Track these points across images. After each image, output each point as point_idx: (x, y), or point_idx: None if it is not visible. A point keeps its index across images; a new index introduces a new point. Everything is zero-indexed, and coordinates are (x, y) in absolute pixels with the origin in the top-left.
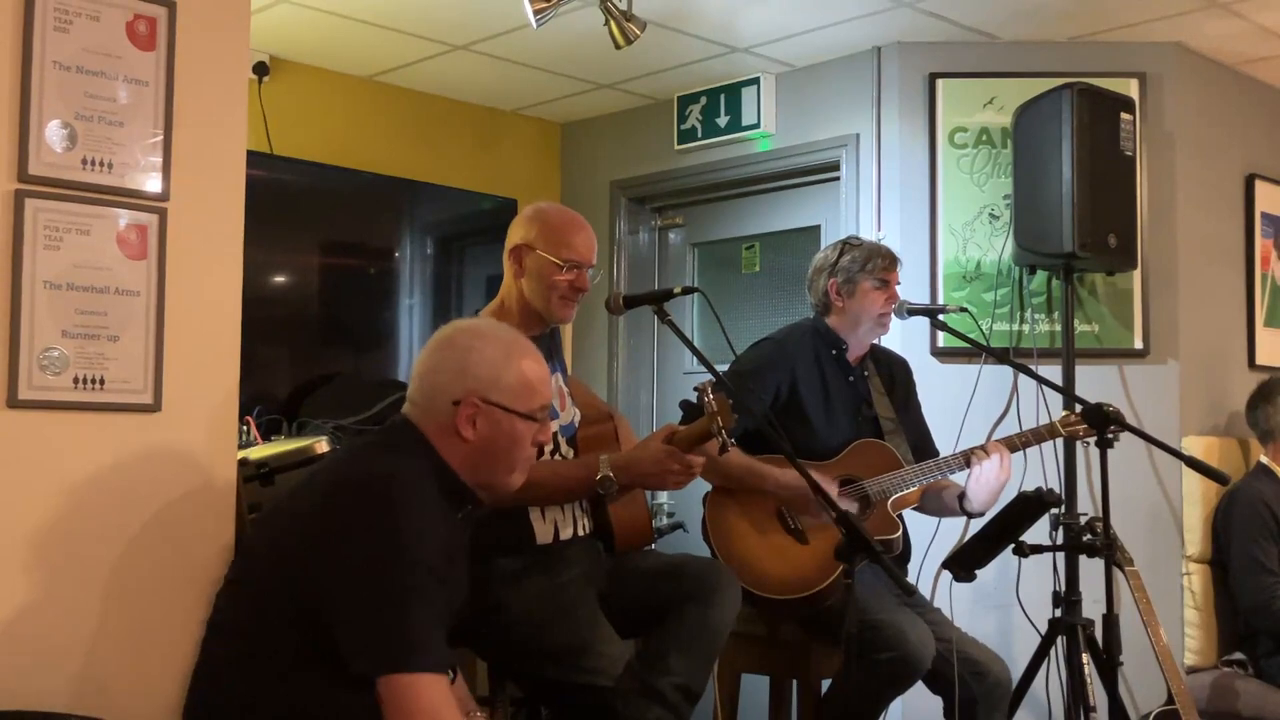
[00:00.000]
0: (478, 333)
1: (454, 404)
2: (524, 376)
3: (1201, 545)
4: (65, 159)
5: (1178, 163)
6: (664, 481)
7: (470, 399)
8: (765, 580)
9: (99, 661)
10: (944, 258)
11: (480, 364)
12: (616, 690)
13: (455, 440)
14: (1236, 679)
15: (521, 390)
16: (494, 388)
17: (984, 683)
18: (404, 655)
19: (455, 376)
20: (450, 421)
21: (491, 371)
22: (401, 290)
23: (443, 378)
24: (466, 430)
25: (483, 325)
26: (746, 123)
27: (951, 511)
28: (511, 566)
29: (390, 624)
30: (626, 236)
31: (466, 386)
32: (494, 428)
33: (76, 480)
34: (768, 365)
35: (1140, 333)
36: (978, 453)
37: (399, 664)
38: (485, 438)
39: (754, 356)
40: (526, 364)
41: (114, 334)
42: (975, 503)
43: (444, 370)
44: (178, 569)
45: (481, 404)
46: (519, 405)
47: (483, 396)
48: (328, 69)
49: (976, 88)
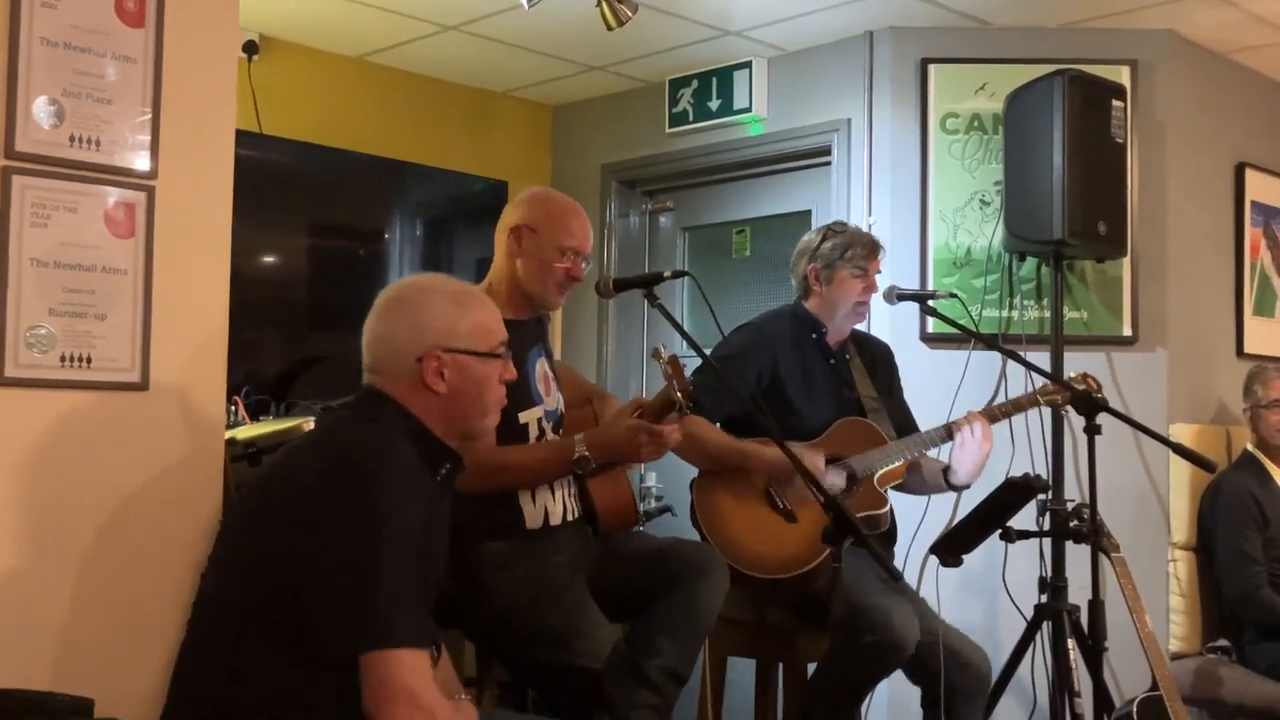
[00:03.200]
0: (422, 287)
1: (417, 361)
2: (478, 318)
3: (1187, 532)
4: (53, 136)
5: (1168, 151)
6: (637, 453)
7: (433, 352)
8: (755, 561)
9: (83, 641)
10: (934, 243)
11: (434, 316)
12: (604, 673)
13: (426, 396)
14: (1220, 666)
15: (479, 331)
16: (453, 335)
17: (966, 675)
18: (382, 632)
19: (412, 334)
20: (418, 379)
21: (447, 321)
22: (391, 272)
23: (399, 339)
24: (436, 383)
25: (423, 280)
26: (738, 107)
27: (937, 488)
28: (500, 551)
29: (369, 601)
30: (617, 220)
31: (426, 341)
32: (462, 374)
33: (63, 459)
34: (748, 349)
35: (1129, 320)
36: (958, 423)
37: (378, 641)
38: (455, 386)
39: (734, 341)
40: (477, 306)
41: (101, 312)
42: (960, 474)
43: (399, 331)
44: (164, 548)
45: (445, 354)
46: (481, 346)
47: (444, 346)
48: (318, 48)
49: (968, 74)
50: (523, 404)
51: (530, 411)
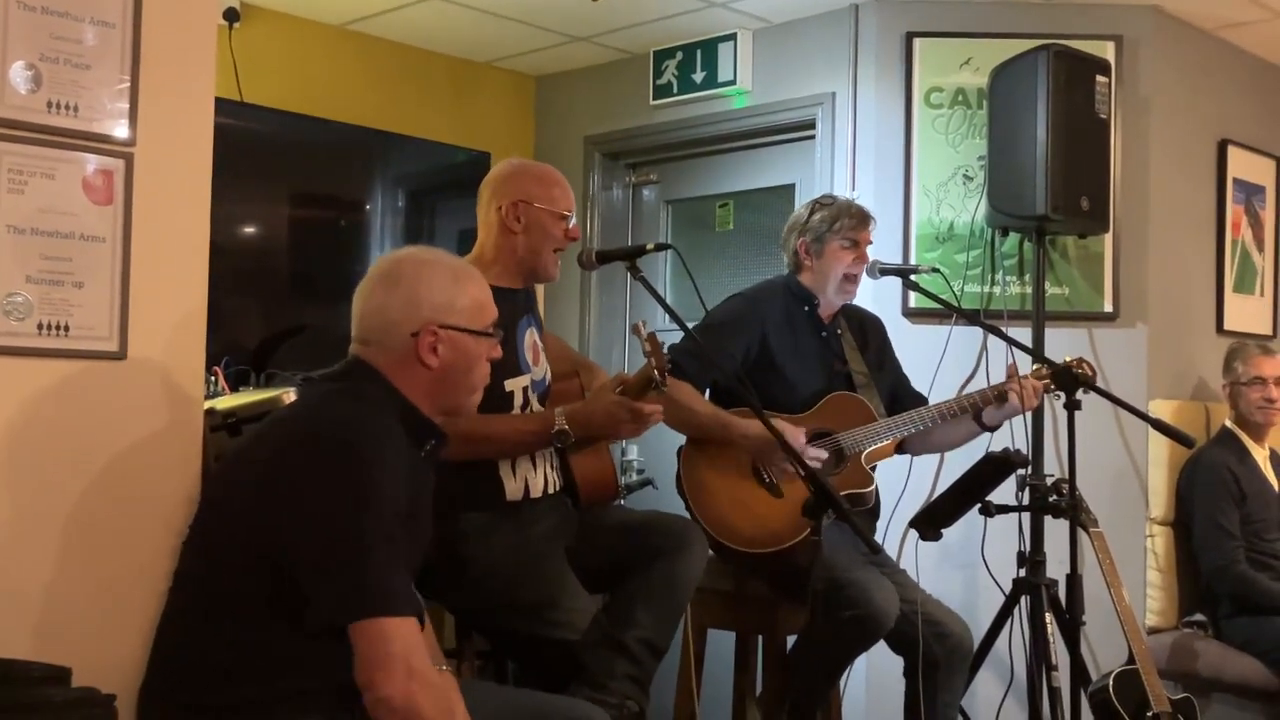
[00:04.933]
0: (421, 260)
1: (412, 335)
2: (474, 295)
3: (1165, 508)
4: (30, 101)
5: (1152, 127)
6: (618, 430)
7: (429, 327)
8: (739, 534)
9: (62, 610)
10: (917, 218)
11: (432, 291)
12: (583, 644)
13: (418, 371)
14: (1196, 640)
15: (475, 309)
16: (450, 311)
17: (946, 644)
18: (375, 601)
19: (409, 308)
20: (411, 353)
21: (445, 296)
22: (372, 242)
23: (395, 312)
24: (430, 358)
25: (420, 253)
26: (723, 79)
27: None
28: (480, 521)
29: (358, 571)
30: (600, 192)
31: (423, 316)
32: (456, 351)
33: (39, 428)
34: (739, 320)
35: (1110, 296)
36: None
37: (371, 609)
38: (448, 362)
39: (725, 311)
40: (473, 282)
41: (79, 280)
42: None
43: (395, 304)
44: (142, 519)
45: (441, 330)
46: (475, 324)
47: (440, 323)
48: (299, 16)
49: (953, 48)
50: (510, 372)
51: (516, 380)
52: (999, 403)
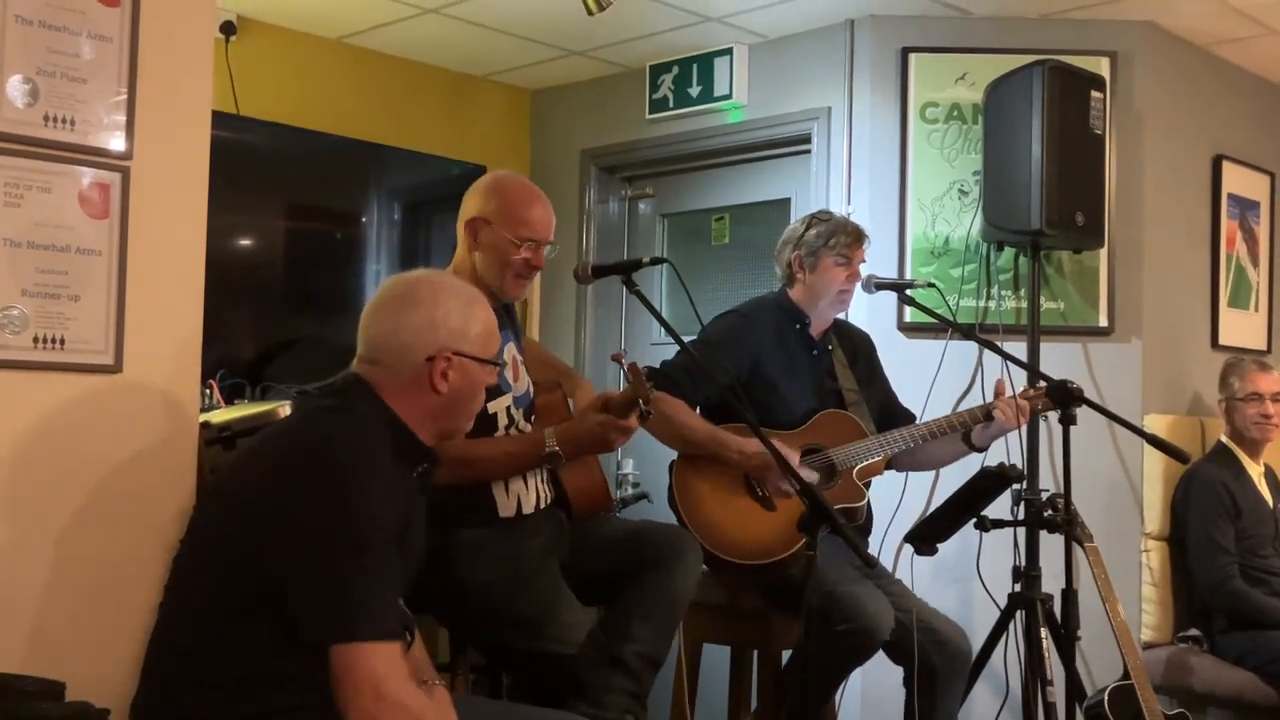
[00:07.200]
0: (438, 285)
1: (427, 360)
2: (485, 323)
3: (1160, 523)
4: (27, 115)
5: (1146, 142)
6: (606, 445)
7: (444, 353)
8: (732, 547)
9: (55, 624)
10: (913, 233)
11: (449, 317)
12: (579, 658)
13: (425, 395)
14: (1191, 655)
15: (485, 337)
16: (463, 339)
17: (944, 652)
18: (351, 624)
19: (425, 332)
20: (422, 377)
21: (460, 323)
22: (368, 256)
23: (410, 334)
24: (440, 384)
25: (437, 278)
26: (718, 93)
27: (955, 457)
28: (473, 538)
29: (340, 593)
30: (596, 206)
31: (440, 341)
32: (465, 378)
33: (35, 441)
34: (732, 337)
35: (1105, 311)
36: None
37: (346, 633)
38: (456, 389)
39: (719, 328)
40: (483, 309)
41: (75, 294)
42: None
43: (410, 326)
44: (137, 532)
45: (454, 357)
46: (484, 353)
47: (455, 349)
48: (296, 29)
49: (948, 63)
50: (490, 394)
51: (499, 401)
52: (987, 421)
